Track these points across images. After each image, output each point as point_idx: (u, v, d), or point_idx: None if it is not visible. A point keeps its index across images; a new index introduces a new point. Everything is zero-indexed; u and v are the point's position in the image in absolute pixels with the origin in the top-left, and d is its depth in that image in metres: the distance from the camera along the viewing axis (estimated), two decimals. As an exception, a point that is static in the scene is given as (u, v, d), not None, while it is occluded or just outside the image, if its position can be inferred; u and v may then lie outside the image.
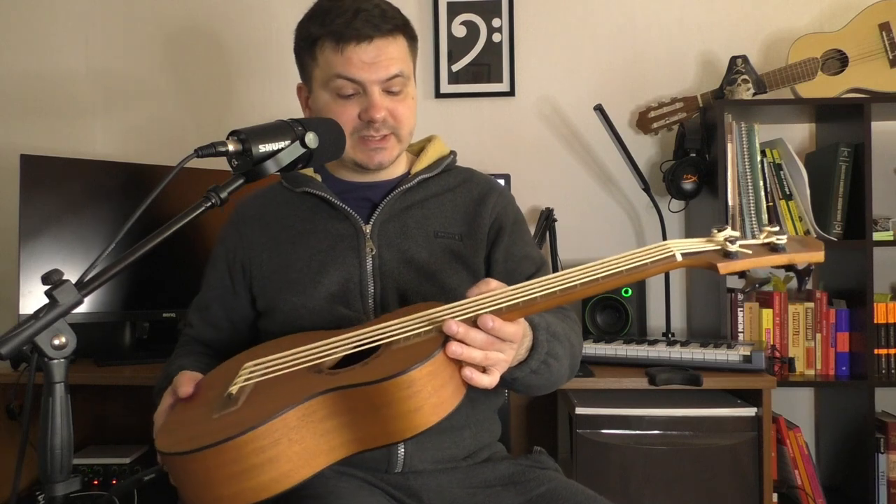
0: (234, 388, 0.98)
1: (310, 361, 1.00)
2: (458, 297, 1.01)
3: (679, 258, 0.96)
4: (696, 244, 0.99)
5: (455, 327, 0.92)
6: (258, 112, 2.44)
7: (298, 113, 1.29)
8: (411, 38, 1.26)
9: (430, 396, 0.89)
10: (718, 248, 0.97)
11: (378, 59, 1.19)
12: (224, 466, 0.86)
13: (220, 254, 1.33)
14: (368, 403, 0.89)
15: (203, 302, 1.34)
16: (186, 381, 1.07)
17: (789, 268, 1.00)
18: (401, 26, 1.23)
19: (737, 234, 0.98)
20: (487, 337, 0.93)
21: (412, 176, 1.30)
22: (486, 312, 0.93)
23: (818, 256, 1.00)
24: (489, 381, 0.95)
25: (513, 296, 0.95)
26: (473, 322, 0.93)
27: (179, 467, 0.90)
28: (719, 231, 0.99)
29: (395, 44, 1.21)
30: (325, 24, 1.20)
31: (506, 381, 1.04)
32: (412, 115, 1.27)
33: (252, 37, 2.47)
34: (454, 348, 0.92)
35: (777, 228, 0.99)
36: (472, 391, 0.97)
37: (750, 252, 0.97)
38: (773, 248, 0.97)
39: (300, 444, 0.88)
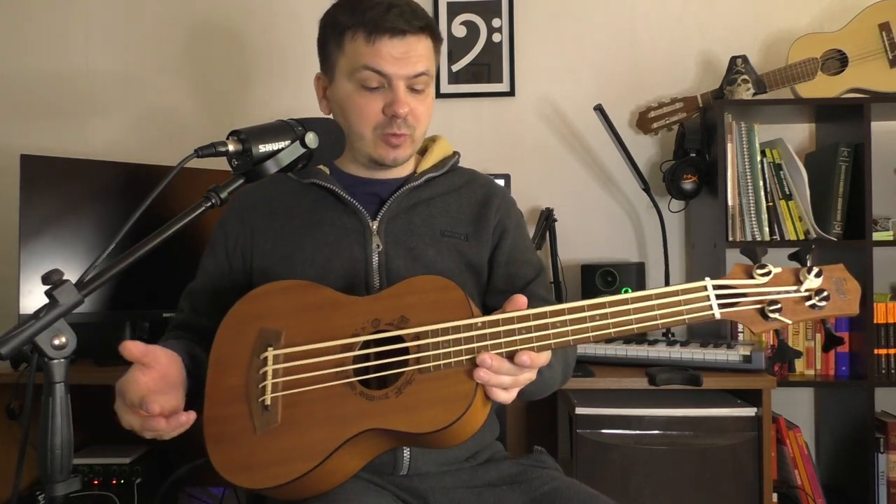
0: (267, 398, 1.04)
1: (339, 375, 1.03)
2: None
3: (718, 316, 0.97)
4: (734, 286, 0.97)
5: (489, 361, 0.96)
6: (260, 112, 2.44)
7: (307, 113, 1.29)
8: (437, 39, 1.27)
9: (467, 427, 0.98)
10: (758, 305, 0.96)
11: (407, 55, 1.19)
12: (282, 489, 1.00)
13: (219, 240, 1.31)
14: (411, 440, 1.02)
15: (196, 288, 1.32)
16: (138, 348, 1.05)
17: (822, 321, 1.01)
18: (429, 26, 1.24)
19: (771, 272, 0.96)
20: (518, 368, 0.97)
21: (419, 174, 1.30)
22: (523, 349, 0.97)
23: (851, 312, 0.99)
24: (508, 396, 1.00)
25: (545, 331, 0.98)
26: (509, 356, 0.98)
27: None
28: (760, 272, 0.97)
29: (423, 42, 1.22)
30: (355, 15, 1.20)
31: None
32: (429, 118, 1.27)
33: (254, 37, 2.46)
34: (482, 375, 0.96)
35: (819, 283, 0.96)
36: None
37: (788, 322, 0.96)
38: (813, 307, 0.96)
39: (349, 460, 1.02)
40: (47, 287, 0.82)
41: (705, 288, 0.97)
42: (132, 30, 2.48)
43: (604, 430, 1.77)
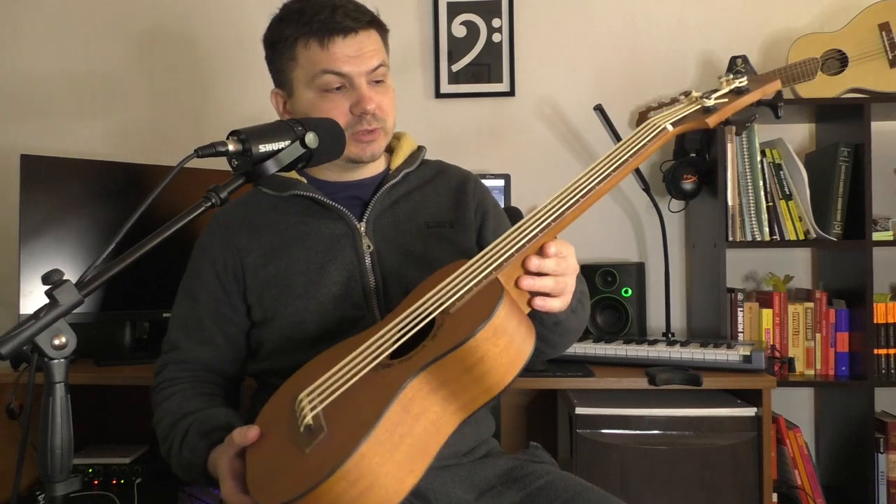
0: (308, 419, 0.90)
1: (368, 364, 0.94)
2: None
3: (671, 128, 1.04)
4: (678, 110, 1.07)
5: (536, 261, 0.96)
6: (260, 112, 2.43)
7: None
8: (384, 31, 1.30)
9: (512, 339, 0.89)
10: (697, 106, 1.06)
11: (361, 51, 1.22)
12: (348, 490, 0.80)
13: (205, 265, 1.28)
14: (461, 368, 0.87)
15: (189, 319, 1.28)
16: (244, 432, 0.99)
17: (761, 102, 1.11)
18: (375, 20, 1.27)
19: (700, 93, 1.09)
20: (556, 261, 0.98)
21: (395, 171, 1.32)
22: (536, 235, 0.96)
23: (776, 85, 1.11)
24: (560, 304, 1.00)
25: (542, 219, 0.98)
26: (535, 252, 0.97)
27: None
28: (687, 94, 1.10)
29: (372, 36, 1.25)
30: (302, 24, 1.21)
31: (547, 327, 1.12)
32: (394, 107, 1.29)
33: (251, 35, 2.46)
34: (527, 281, 0.95)
35: (731, 76, 1.10)
36: None
37: (726, 100, 1.06)
38: (740, 92, 1.07)
39: (410, 436, 0.85)
40: (47, 287, 0.82)
41: (658, 124, 1.07)
42: (132, 30, 2.48)
43: (604, 430, 1.77)
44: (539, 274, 0.98)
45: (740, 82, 1.07)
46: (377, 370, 0.93)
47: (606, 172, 0.99)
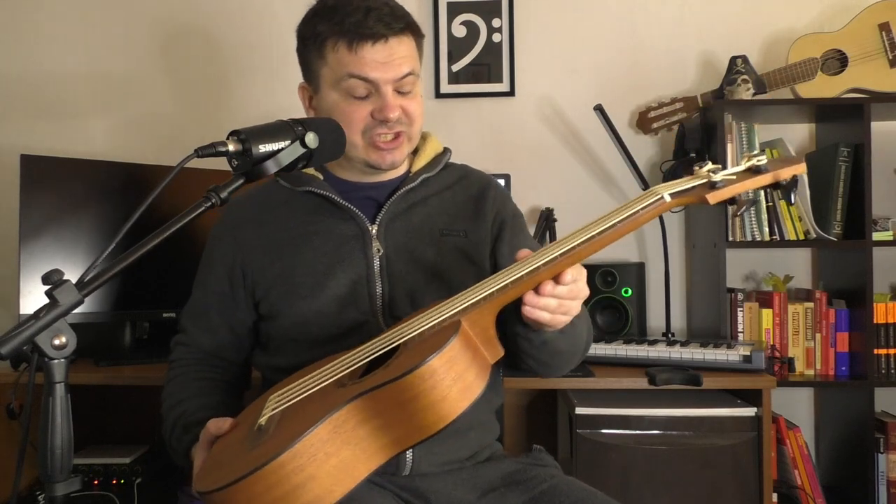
0: (262, 420, 0.97)
1: (332, 378, 0.99)
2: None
3: (668, 199, 0.98)
4: (682, 183, 1.02)
5: (550, 287, 0.97)
6: (260, 111, 2.44)
7: (300, 112, 1.29)
8: (419, 36, 1.26)
9: (454, 383, 0.89)
10: (704, 181, 1.00)
11: (391, 58, 1.18)
12: (266, 493, 0.85)
13: (216, 257, 1.30)
14: (395, 402, 0.88)
15: (198, 307, 1.31)
16: (218, 423, 1.06)
17: (775, 186, 1.02)
18: (410, 25, 1.23)
19: (718, 166, 1.01)
20: (569, 289, 0.99)
21: (414, 175, 1.30)
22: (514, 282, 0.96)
23: (801, 168, 1.02)
24: (550, 319, 1.00)
25: (516, 272, 0.98)
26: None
27: (222, 503, 0.88)
28: (701, 167, 1.01)
29: (405, 43, 1.21)
30: (334, 23, 1.18)
31: (535, 345, 1.09)
32: (422, 114, 1.27)
33: (251, 36, 2.46)
34: (531, 298, 0.97)
35: (756, 152, 1.02)
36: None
37: (734, 178, 1.00)
38: (756, 171, 1.00)
39: (336, 456, 0.88)
40: (47, 287, 0.82)
41: (657, 192, 1.00)
42: (132, 30, 2.48)
43: (604, 430, 1.77)
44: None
45: (759, 160, 0.98)
46: (335, 386, 0.96)
47: (591, 234, 0.97)
